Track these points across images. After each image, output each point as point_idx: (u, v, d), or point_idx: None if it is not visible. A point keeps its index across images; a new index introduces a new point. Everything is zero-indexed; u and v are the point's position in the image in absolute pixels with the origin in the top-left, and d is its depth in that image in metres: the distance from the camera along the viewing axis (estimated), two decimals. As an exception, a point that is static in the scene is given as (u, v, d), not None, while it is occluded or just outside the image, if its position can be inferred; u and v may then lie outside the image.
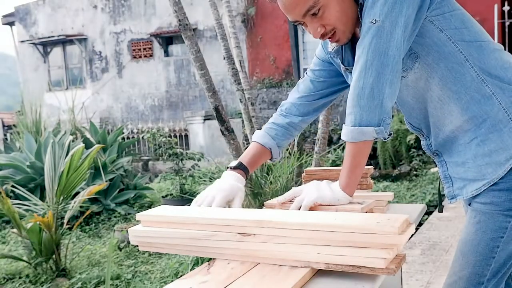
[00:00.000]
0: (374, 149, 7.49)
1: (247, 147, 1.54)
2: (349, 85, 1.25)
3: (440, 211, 1.42)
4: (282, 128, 1.50)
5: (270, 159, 1.51)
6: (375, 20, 1.13)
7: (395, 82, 1.15)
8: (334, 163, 6.41)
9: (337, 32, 1.24)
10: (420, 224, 4.30)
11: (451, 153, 1.30)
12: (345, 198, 1.20)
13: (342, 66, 1.39)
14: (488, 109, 1.21)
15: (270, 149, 1.48)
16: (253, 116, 4.14)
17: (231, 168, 1.38)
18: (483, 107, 1.21)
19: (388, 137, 1.19)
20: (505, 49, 1.30)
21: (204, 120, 10.33)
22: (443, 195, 1.47)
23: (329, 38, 1.25)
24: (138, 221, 1.21)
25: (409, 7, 1.14)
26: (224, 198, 1.28)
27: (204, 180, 5.41)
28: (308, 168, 1.62)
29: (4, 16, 14.17)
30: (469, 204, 1.28)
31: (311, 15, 1.20)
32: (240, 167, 1.39)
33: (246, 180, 1.40)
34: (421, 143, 1.41)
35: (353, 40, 1.28)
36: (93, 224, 5.86)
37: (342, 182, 1.21)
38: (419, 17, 1.17)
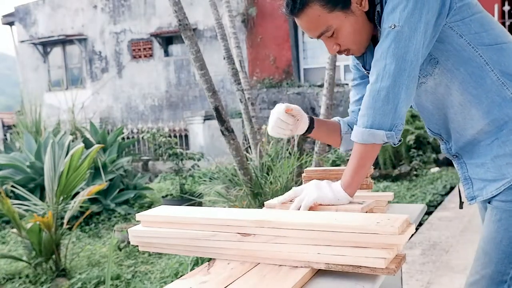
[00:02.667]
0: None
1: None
2: None
3: (461, 207, 1.42)
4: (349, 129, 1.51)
5: (335, 145, 1.52)
6: (394, 25, 1.14)
7: (411, 87, 1.15)
8: (334, 163, 6.40)
9: (351, 50, 1.30)
10: (420, 224, 4.30)
11: (471, 154, 1.30)
12: (346, 198, 1.20)
13: (364, 70, 1.41)
14: (509, 111, 1.21)
15: (340, 131, 1.49)
16: (253, 116, 4.14)
17: None
18: (504, 110, 1.21)
19: (398, 143, 1.20)
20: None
21: (204, 120, 10.32)
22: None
23: (344, 53, 1.30)
24: (138, 221, 1.21)
25: (428, 13, 1.14)
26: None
27: (204, 180, 5.40)
28: (308, 168, 1.62)
29: (4, 16, 14.16)
30: (489, 202, 1.28)
31: (325, 36, 1.26)
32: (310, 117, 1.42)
33: (309, 126, 1.40)
34: (440, 146, 1.41)
35: (375, 44, 1.29)
36: (93, 224, 5.85)
37: (345, 181, 1.21)
38: (438, 23, 1.18)
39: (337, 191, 1.21)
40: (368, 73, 1.37)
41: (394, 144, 1.20)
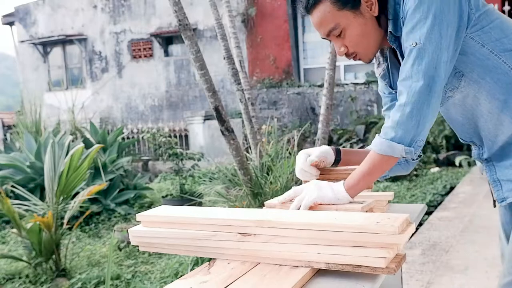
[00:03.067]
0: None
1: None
2: None
3: (494, 206, 1.42)
4: None
5: None
6: (416, 43, 1.15)
7: (436, 103, 1.16)
8: (334, 163, 6.39)
9: (358, 54, 1.30)
10: (420, 224, 4.30)
11: (501, 157, 1.31)
12: (346, 198, 1.21)
13: (391, 89, 1.42)
14: None
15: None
16: (253, 116, 4.14)
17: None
18: None
19: (417, 159, 1.21)
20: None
21: (204, 120, 10.32)
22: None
23: (352, 57, 1.31)
24: (138, 221, 1.21)
25: (448, 28, 1.14)
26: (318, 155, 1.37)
27: (204, 180, 5.41)
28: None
29: (4, 16, 14.16)
30: None
31: (334, 35, 1.27)
32: (336, 148, 1.44)
33: (335, 159, 1.42)
34: (472, 151, 1.41)
35: (397, 59, 1.32)
36: (93, 224, 5.85)
37: (349, 183, 1.22)
38: (459, 37, 1.18)
39: (338, 191, 1.21)
40: (395, 92, 1.39)
41: (412, 159, 1.21)
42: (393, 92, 1.41)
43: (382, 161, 1.19)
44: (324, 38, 1.32)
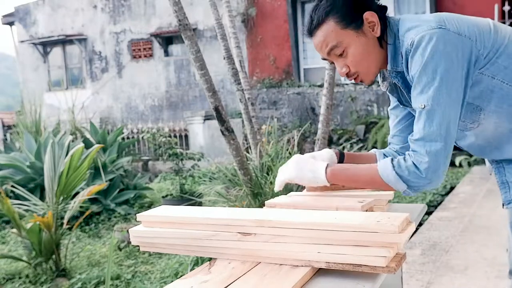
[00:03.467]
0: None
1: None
2: None
3: (503, 206, 1.43)
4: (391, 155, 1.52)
5: None
6: (424, 105, 1.17)
7: (449, 159, 1.19)
8: (334, 163, 6.40)
9: (360, 74, 1.30)
10: (420, 224, 4.30)
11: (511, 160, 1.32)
12: (324, 183, 1.26)
13: (399, 104, 1.44)
14: None
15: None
16: (253, 116, 4.14)
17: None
18: None
19: (411, 194, 1.25)
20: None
21: (204, 120, 10.32)
22: None
23: (354, 78, 1.32)
24: (138, 221, 1.21)
25: (454, 84, 1.16)
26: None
27: (204, 180, 5.40)
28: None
29: (4, 16, 14.16)
30: None
31: (337, 55, 1.28)
32: (340, 151, 1.45)
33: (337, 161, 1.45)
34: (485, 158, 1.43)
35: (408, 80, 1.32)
36: (93, 224, 5.85)
37: (335, 174, 1.26)
38: (467, 84, 1.20)
39: (319, 173, 1.26)
40: (405, 106, 1.41)
41: (408, 194, 1.25)
42: (406, 107, 1.43)
43: (379, 183, 1.23)
44: (324, 59, 1.33)
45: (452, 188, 5.92)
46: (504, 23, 8.44)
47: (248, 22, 10.91)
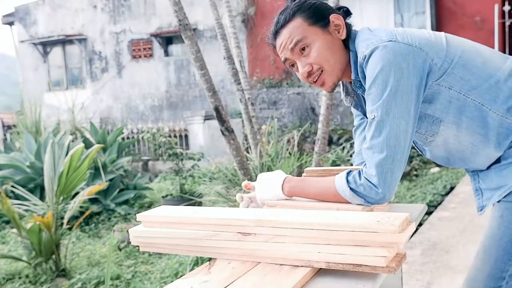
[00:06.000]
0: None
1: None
2: None
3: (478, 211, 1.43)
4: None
5: None
6: (374, 115, 1.18)
7: (400, 169, 1.19)
8: (334, 163, 6.40)
9: (323, 73, 1.29)
10: (420, 224, 4.30)
11: (486, 170, 1.32)
12: (282, 198, 1.30)
13: (364, 117, 1.46)
14: None
15: None
16: (253, 116, 4.14)
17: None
18: (511, 137, 1.24)
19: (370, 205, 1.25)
20: (505, 50, 1.30)
21: (204, 120, 10.32)
22: None
23: (314, 81, 1.30)
24: (138, 221, 1.21)
25: (404, 95, 1.16)
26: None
27: (204, 180, 5.41)
28: (308, 168, 1.62)
29: (4, 16, 14.16)
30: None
31: (300, 50, 1.27)
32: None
33: None
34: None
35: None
36: (93, 224, 5.85)
37: (294, 187, 1.29)
38: (419, 93, 1.19)
39: (276, 191, 1.30)
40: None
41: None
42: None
43: (337, 197, 1.23)
44: (285, 61, 1.31)
45: (452, 188, 5.92)
46: (504, 23, 8.43)
47: (248, 22, 10.92)
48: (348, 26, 1.31)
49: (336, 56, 1.28)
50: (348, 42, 1.30)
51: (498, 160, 1.28)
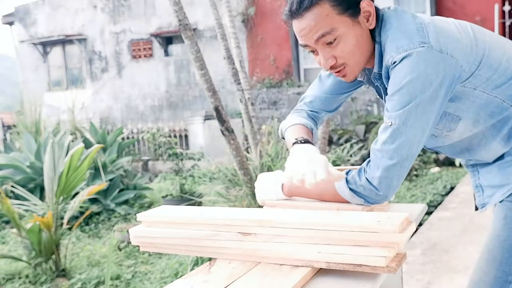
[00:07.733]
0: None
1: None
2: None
3: (476, 209, 1.42)
4: (309, 117, 1.46)
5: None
6: (391, 122, 1.14)
7: (404, 175, 1.17)
8: (334, 163, 6.40)
9: (347, 67, 1.19)
10: (420, 224, 4.30)
11: (486, 164, 1.31)
12: (282, 198, 1.32)
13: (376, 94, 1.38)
14: None
15: (312, 130, 1.43)
16: (253, 116, 4.14)
17: (300, 141, 1.29)
18: None
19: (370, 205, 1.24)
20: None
21: (204, 120, 10.32)
22: None
23: (336, 72, 1.21)
24: (138, 221, 1.21)
25: (428, 105, 1.11)
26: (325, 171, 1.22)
27: (204, 180, 5.41)
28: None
29: (4, 16, 14.16)
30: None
31: (326, 43, 1.15)
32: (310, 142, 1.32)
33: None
34: (461, 160, 1.41)
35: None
36: (93, 224, 5.85)
37: (295, 191, 1.29)
38: (444, 100, 1.15)
39: (277, 191, 1.31)
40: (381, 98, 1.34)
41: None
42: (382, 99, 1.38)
43: (338, 198, 1.23)
44: (305, 46, 1.19)
45: (452, 188, 5.91)
46: (504, 23, 8.43)
47: (248, 22, 10.91)
48: (377, 12, 1.19)
49: (362, 51, 1.18)
50: (374, 31, 1.19)
51: (502, 156, 1.26)
